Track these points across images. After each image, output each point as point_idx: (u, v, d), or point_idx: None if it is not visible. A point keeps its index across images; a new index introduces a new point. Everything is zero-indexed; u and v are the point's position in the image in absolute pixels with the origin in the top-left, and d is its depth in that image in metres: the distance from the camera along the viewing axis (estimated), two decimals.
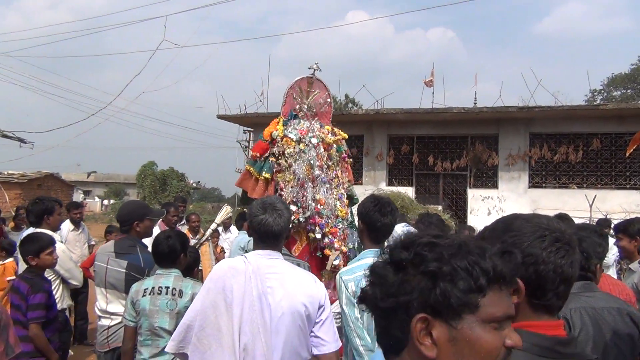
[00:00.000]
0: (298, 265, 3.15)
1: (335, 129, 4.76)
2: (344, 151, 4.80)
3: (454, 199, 14.12)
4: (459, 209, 13.94)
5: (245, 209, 4.69)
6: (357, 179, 14.78)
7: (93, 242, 7.25)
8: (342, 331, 2.75)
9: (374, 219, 2.81)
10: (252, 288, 2.18)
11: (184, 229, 6.58)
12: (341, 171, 4.77)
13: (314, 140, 4.49)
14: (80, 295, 6.69)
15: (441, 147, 14.15)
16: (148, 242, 3.99)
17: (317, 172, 4.42)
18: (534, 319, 1.30)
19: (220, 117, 15.33)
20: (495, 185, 13.59)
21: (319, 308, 2.33)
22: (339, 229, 4.37)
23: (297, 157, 4.43)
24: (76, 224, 6.82)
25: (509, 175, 13.35)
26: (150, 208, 4.21)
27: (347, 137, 4.90)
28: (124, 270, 3.62)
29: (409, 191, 14.03)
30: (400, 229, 3.15)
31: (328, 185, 4.52)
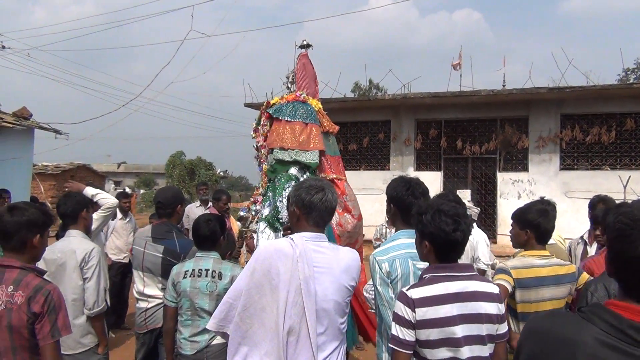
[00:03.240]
0: None
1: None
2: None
3: (483, 182, 13.97)
4: (488, 192, 13.80)
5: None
6: (385, 164, 14.73)
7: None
8: (377, 311, 2.78)
9: (408, 203, 2.81)
10: (299, 272, 2.20)
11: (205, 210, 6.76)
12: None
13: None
14: (126, 278, 6.89)
15: (470, 130, 13.97)
16: None
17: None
18: (620, 300, 1.29)
19: (247, 105, 15.40)
20: (525, 169, 13.38)
21: (355, 286, 2.40)
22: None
23: None
24: (124, 212, 7.01)
25: (540, 157, 13.13)
26: (183, 193, 4.37)
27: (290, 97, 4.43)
28: (161, 255, 3.71)
29: (437, 176, 13.93)
30: None
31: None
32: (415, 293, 2.18)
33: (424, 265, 2.73)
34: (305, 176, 3.91)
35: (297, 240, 2.30)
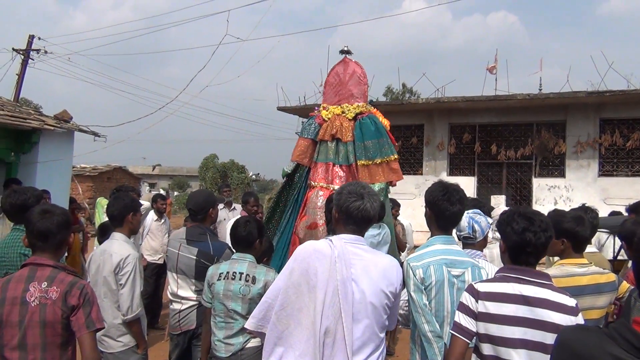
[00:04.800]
0: None
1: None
2: None
3: (518, 188, 13.72)
4: (524, 198, 13.54)
5: None
6: (417, 168, 14.62)
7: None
8: (411, 317, 2.74)
9: (443, 208, 2.77)
10: (337, 273, 2.20)
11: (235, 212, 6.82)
12: None
13: None
14: (160, 279, 7.00)
15: (504, 135, 13.75)
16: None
17: None
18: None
19: (280, 109, 15.51)
20: (562, 174, 13.10)
21: (397, 294, 2.38)
22: None
23: None
24: (160, 214, 7.12)
25: (577, 163, 12.83)
26: (214, 195, 4.41)
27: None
28: (194, 257, 3.75)
29: (471, 181, 13.74)
30: (465, 216, 3.09)
31: None
32: (482, 287, 2.25)
33: (459, 272, 2.70)
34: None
35: (336, 242, 2.30)
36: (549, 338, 2.10)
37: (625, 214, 4.80)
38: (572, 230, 2.94)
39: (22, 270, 2.50)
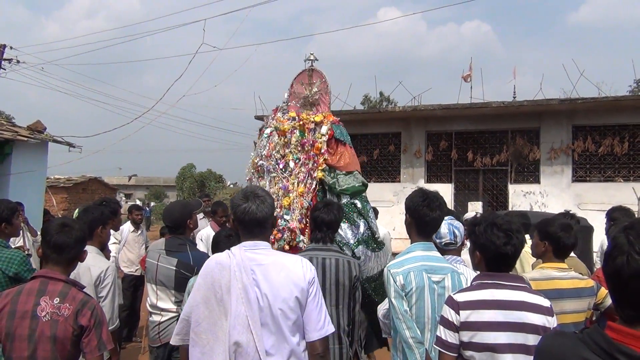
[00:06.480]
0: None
1: (324, 114, 4.47)
2: (306, 135, 4.42)
3: (495, 194, 13.89)
4: (500, 205, 13.71)
5: None
6: (395, 176, 14.70)
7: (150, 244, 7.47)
8: (392, 324, 2.76)
9: (423, 214, 2.81)
10: (237, 281, 2.20)
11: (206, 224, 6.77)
12: (307, 156, 4.35)
13: (267, 130, 4.56)
14: (138, 291, 6.91)
15: (480, 142, 13.93)
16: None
17: (259, 162, 4.48)
18: (616, 322, 1.30)
19: (257, 117, 15.47)
20: (537, 180, 13.30)
21: (307, 296, 2.29)
22: (282, 220, 4.20)
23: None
24: (136, 225, 7.06)
25: (552, 169, 13.05)
26: (190, 202, 4.33)
27: (331, 119, 4.49)
28: (174, 268, 3.71)
29: (448, 188, 13.87)
30: (444, 223, 3.12)
31: (274, 175, 4.39)
32: (461, 297, 2.26)
33: (439, 278, 2.73)
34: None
35: (235, 251, 2.31)
36: (531, 339, 2.13)
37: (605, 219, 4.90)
38: (555, 236, 3.01)
39: (32, 283, 2.49)
